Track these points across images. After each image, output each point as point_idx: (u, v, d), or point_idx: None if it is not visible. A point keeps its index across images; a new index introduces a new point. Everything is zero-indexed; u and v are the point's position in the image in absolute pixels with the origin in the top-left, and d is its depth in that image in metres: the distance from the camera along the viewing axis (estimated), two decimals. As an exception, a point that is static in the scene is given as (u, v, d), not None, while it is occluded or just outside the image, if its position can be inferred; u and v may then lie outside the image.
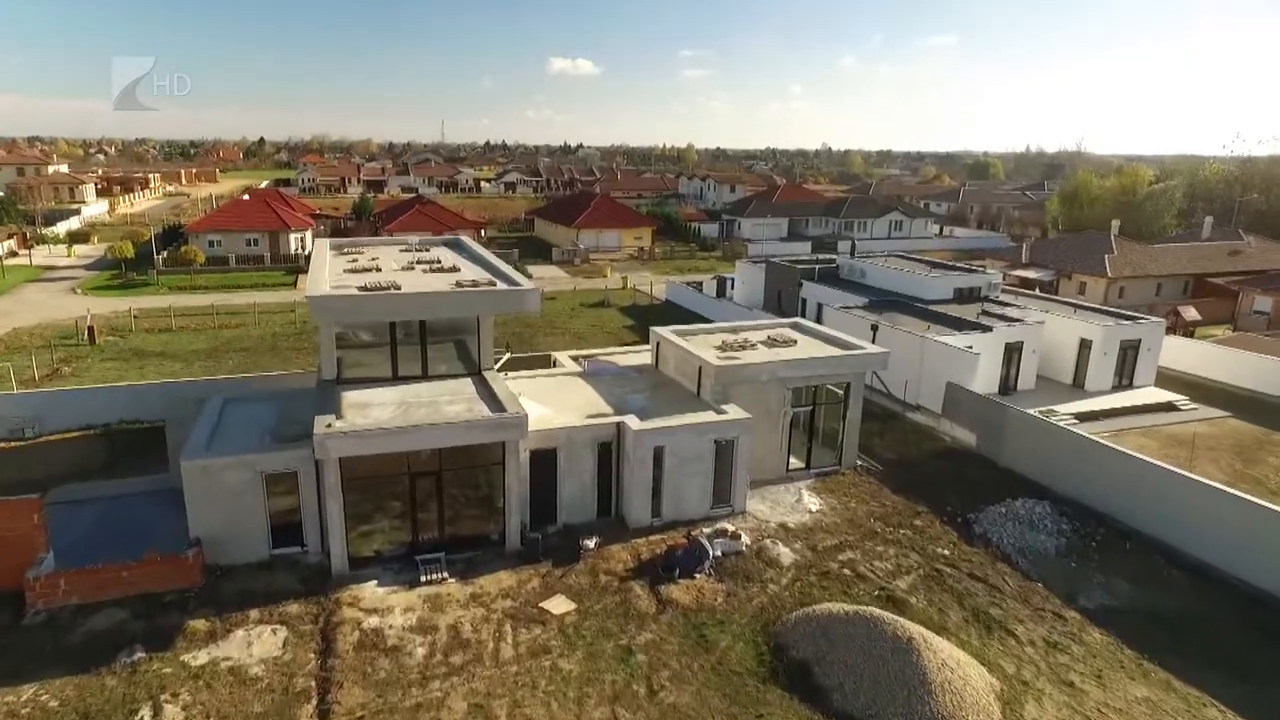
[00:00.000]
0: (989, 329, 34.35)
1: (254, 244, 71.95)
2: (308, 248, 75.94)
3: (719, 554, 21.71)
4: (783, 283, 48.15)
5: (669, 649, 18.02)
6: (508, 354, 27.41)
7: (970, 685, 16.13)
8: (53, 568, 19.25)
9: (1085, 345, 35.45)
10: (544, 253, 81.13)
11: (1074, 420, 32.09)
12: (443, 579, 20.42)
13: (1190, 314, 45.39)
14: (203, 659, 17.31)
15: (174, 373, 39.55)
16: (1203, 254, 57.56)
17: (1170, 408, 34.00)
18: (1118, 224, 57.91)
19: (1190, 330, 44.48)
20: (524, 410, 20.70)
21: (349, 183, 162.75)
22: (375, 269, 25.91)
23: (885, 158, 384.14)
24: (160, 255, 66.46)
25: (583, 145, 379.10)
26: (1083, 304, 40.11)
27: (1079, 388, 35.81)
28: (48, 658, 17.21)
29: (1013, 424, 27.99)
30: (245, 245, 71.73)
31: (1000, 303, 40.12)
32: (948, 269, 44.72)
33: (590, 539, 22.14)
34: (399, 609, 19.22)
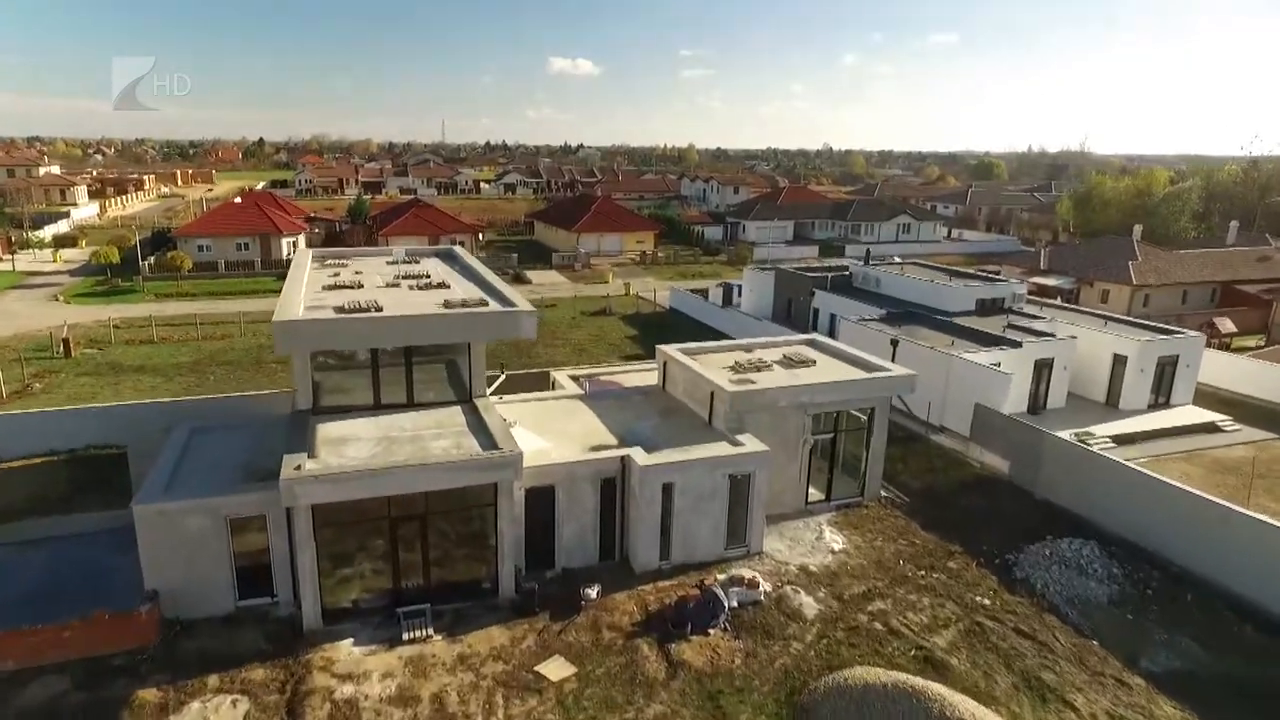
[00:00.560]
0: (1018, 345, 32.14)
1: (245, 248, 69.79)
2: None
3: (735, 605, 19.55)
4: (793, 292, 45.97)
5: (682, 725, 15.86)
6: (503, 375, 25.30)
7: (1032, 777, 13.96)
8: (-16, 628, 17.12)
9: (1120, 361, 33.24)
10: (544, 257, 78.97)
11: (1111, 443, 29.93)
12: (427, 636, 18.26)
13: (1226, 325, 43.18)
14: (149, 741, 15.16)
15: (152, 389, 37.44)
16: (1230, 260, 55.32)
17: (1212, 428, 31.80)
18: (1140, 229, 55.58)
19: (1227, 343, 42.23)
20: (517, 448, 18.52)
21: (346, 184, 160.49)
22: (357, 285, 23.74)
23: (886, 158, 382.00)
24: (146, 261, 64.27)
25: (583, 145, 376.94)
26: (1113, 316, 37.90)
27: (1112, 406, 33.60)
28: (-30, 741, 15.11)
29: (1051, 452, 25.78)
30: (236, 250, 69.58)
31: (1025, 314, 37.92)
32: (969, 278, 42.50)
33: (592, 587, 19.96)
34: (377, 675, 17.04)
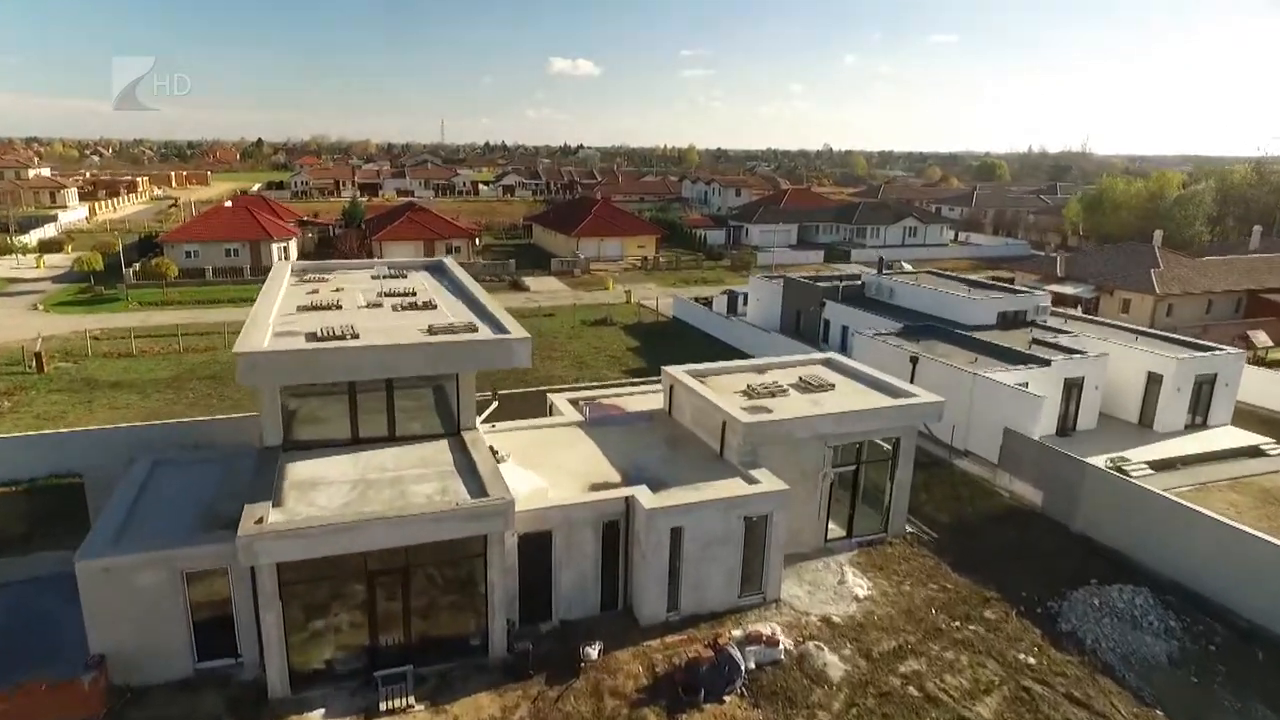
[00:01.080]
0: (1046, 363, 30.10)
1: (234, 254, 67.73)
2: (292, 258, 71.78)
3: (752, 666, 17.55)
4: (803, 302, 43.95)
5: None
6: (495, 402, 23.34)
7: None
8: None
9: (1154, 380, 31.20)
10: (542, 262, 76.91)
11: (1149, 470, 27.92)
12: (407, 705, 16.23)
13: (1260, 339, 41.11)
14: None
15: (127, 407, 35.42)
16: (1254, 267, 53.25)
17: (1256, 452, 29.77)
18: (1161, 235, 53.55)
19: (1262, 357, 40.07)
20: (509, 494, 16.48)
21: (343, 186, 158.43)
22: (334, 305, 21.70)
23: (887, 158, 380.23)
24: (131, 268, 62.20)
25: (583, 146, 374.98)
26: (1143, 330, 35.85)
27: (1146, 427, 31.57)
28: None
29: (1091, 484, 23.76)
30: (224, 256, 67.52)
31: (1050, 328, 35.90)
32: (989, 289, 40.47)
33: (593, 645, 17.93)
34: (349, 756, 15.03)
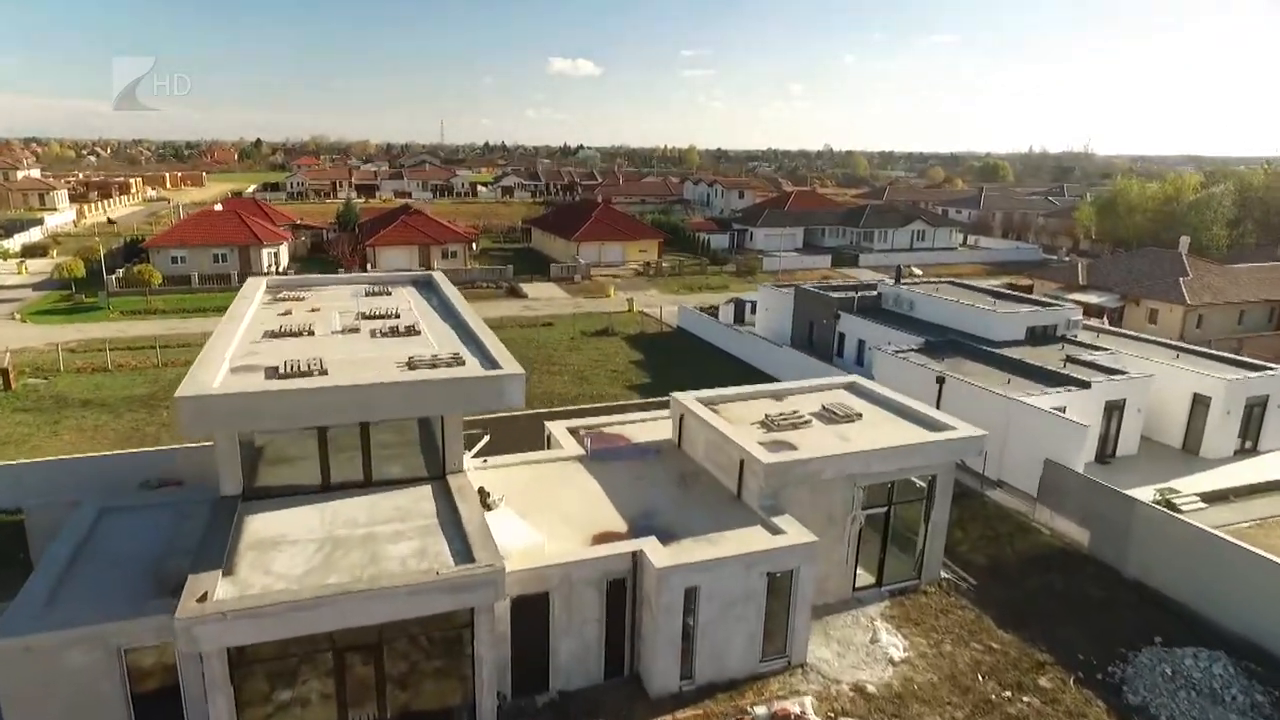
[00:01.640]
0: (1086, 385, 27.80)
1: (222, 260, 65.42)
2: (282, 264, 69.53)
3: (779, 751, 15.28)
4: (816, 314, 41.66)
5: None
6: (486, 436, 21.11)
7: None
8: None
9: (1201, 402, 28.93)
10: (541, 267, 74.59)
11: (1200, 503, 25.65)
12: (382, 801, 13.96)
13: (1303, 354, 38.90)
14: None
15: (96, 429, 33.16)
16: (1287, 275, 50.97)
17: (1313, 483, 27.49)
18: (1188, 240, 51.24)
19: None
20: (499, 560, 14.19)
21: (340, 187, 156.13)
22: (306, 331, 19.40)
23: (888, 159, 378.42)
24: (114, 275, 59.88)
25: (583, 146, 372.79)
26: (1185, 347, 33.51)
27: (1191, 453, 29.31)
28: None
29: (1144, 525, 21.46)
30: (213, 262, 65.20)
31: (1082, 344, 33.62)
32: (1016, 300, 38.17)
33: (596, 725, 15.68)
34: None
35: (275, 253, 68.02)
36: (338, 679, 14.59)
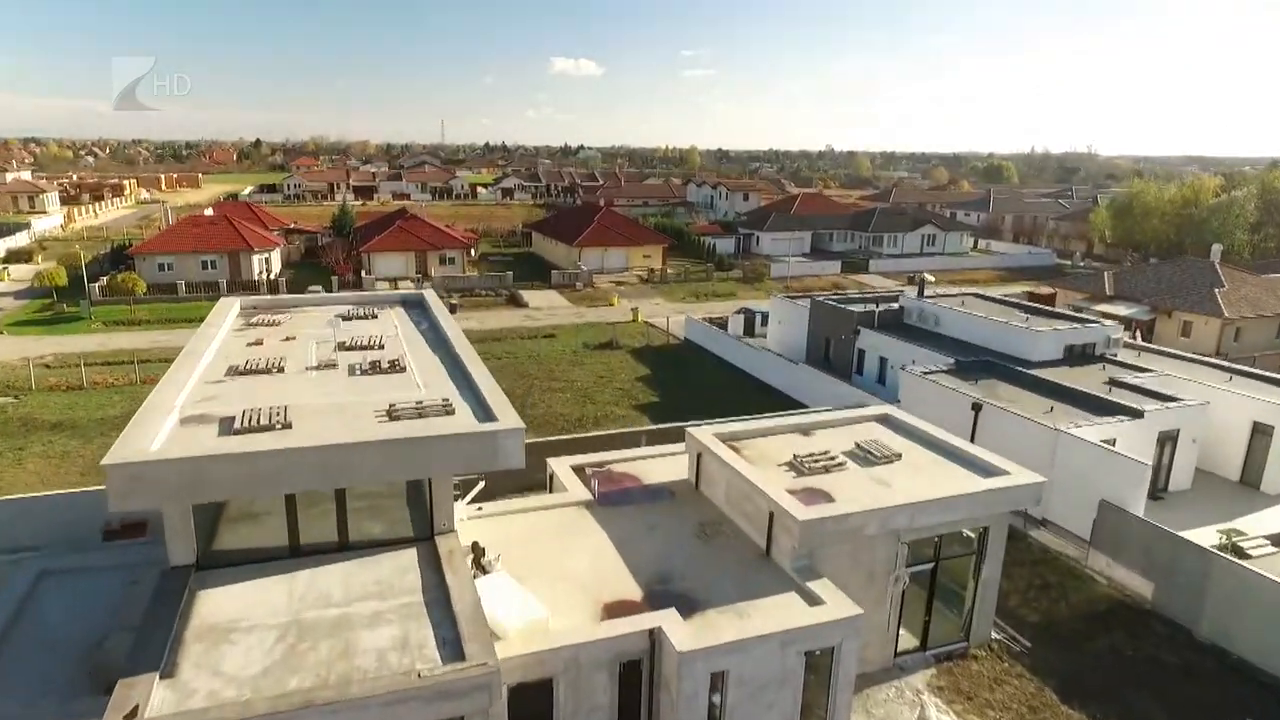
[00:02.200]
0: (1139, 413, 25.44)
1: (211, 267, 63.08)
2: (273, 270, 67.20)
3: None
4: (833, 329, 39.30)
5: None
6: (481, 483, 18.81)
7: None
8: None
9: (1262, 431, 26.60)
10: (542, 273, 72.22)
11: (1269, 546, 23.27)
12: None
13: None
14: None
15: (63, 455, 30.89)
16: (1325, 285, 48.57)
17: (1388, 523, 25.12)
18: (1219, 249, 48.83)
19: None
20: (493, 658, 11.83)
21: (338, 189, 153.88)
22: (275, 368, 17.03)
23: (889, 159, 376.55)
24: (96, 283, 57.52)
25: (583, 146, 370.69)
26: (1238, 368, 31.09)
27: (1251, 487, 26.99)
28: None
29: (1221, 579, 19.12)
30: (201, 269, 62.88)
31: (1124, 364, 31.28)
32: (1050, 315, 35.81)
33: (608, 840, 13.34)
34: None
35: (266, 259, 65.70)
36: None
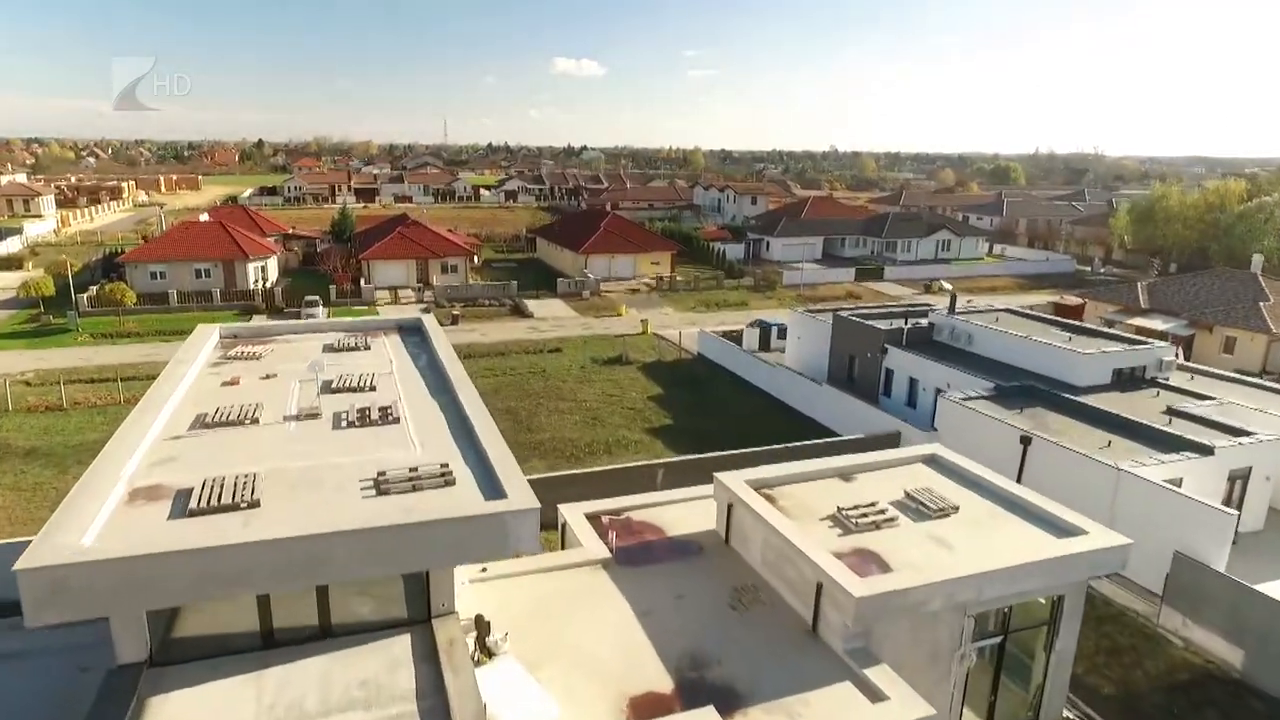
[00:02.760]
0: (1208, 450, 23.17)
1: (205, 276, 60.99)
2: (270, 277, 65.08)
3: None
4: (858, 346, 37.05)
5: None
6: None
7: None
8: None
9: (1338, 468, 24.34)
10: (547, 281, 70.10)
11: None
12: None
13: None
14: None
15: (35, 488, 28.74)
16: (1371, 298, 46.15)
17: None
18: (1260, 259, 46.55)
19: None
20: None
21: (339, 191, 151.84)
22: (250, 418, 14.83)
23: (894, 160, 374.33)
24: (85, 293, 55.42)
25: (586, 147, 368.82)
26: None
27: (1326, 528, 24.72)
28: None
29: (1326, 653, 16.88)
30: (195, 278, 60.79)
31: (1177, 389, 29.02)
32: (1091, 334, 33.53)
33: None
34: None
35: (262, 267, 63.58)
36: None
